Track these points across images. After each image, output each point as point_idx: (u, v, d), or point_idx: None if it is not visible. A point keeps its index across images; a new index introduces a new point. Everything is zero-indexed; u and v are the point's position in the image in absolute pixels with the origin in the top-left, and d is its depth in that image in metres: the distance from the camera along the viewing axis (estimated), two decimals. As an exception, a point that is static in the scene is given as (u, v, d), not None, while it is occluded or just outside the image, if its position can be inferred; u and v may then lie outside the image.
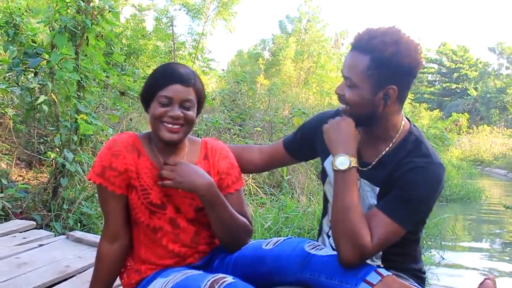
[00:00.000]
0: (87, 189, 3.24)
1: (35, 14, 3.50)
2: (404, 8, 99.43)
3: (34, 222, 2.82)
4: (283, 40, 19.01)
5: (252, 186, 4.69)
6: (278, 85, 11.06)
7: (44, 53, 3.17)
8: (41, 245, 2.44)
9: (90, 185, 3.25)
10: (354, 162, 1.27)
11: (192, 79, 1.31)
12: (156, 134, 1.33)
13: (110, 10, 3.25)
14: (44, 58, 3.16)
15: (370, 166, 1.35)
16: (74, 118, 3.18)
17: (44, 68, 3.27)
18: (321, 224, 1.54)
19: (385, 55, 1.21)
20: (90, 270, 1.86)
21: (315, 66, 16.48)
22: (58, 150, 3.24)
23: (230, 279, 1.13)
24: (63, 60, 3.03)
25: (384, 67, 1.22)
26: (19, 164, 4.05)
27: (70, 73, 3.02)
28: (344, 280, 1.18)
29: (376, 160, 1.35)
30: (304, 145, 1.57)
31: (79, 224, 3.03)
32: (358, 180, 1.34)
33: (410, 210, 1.24)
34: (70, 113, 3.22)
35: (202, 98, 1.36)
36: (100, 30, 3.33)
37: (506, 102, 27.41)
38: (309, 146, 1.54)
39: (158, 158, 1.37)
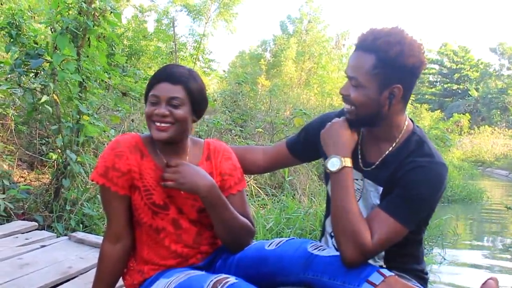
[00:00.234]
0: (89, 190, 3.24)
1: (38, 11, 3.49)
2: (405, 9, 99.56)
3: (36, 223, 2.82)
4: (284, 41, 19.06)
5: (253, 187, 4.69)
6: (279, 86, 11.09)
7: (46, 54, 3.17)
8: (43, 246, 2.44)
9: (92, 186, 3.26)
10: (348, 162, 1.27)
11: (183, 77, 1.29)
12: (150, 133, 1.33)
13: (111, 11, 3.25)
14: (46, 59, 3.17)
15: (374, 166, 1.36)
16: (76, 119, 3.18)
17: (46, 69, 3.27)
18: (324, 224, 1.54)
19: (390, 55, 1.21)
20: (92, 271, 1.86)
21: (316, 67, 16.52)
22: (60, 151, 3.24)
23: (232, 280, 1.13)
24: (65, 61, 3.04)
25: (389, 66, 1.23)
26: (21, 165, 4.06)
27: (72, 74, 3.02)
28: (346, 280, 1.18)
29: (379, 160, 1.35)
30: (307, 146, 1.57)
31: (81, 225, 3.02)
32: (356, 180, 1.35)
33: (412, 210, 1.24)
34: (72, 114, 3.22)
35: (199, 97, 1.33)
36: (101, 31, 3.33)
37: (507, 103, 27.37)
38: (312, 147, 1.54)
39: (161, 159, 1.37)
